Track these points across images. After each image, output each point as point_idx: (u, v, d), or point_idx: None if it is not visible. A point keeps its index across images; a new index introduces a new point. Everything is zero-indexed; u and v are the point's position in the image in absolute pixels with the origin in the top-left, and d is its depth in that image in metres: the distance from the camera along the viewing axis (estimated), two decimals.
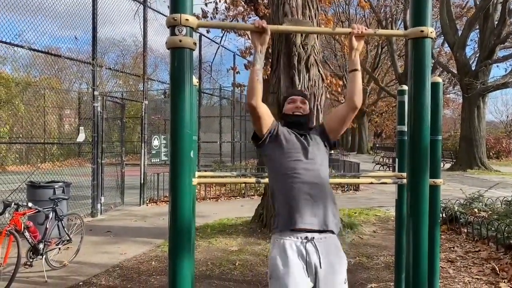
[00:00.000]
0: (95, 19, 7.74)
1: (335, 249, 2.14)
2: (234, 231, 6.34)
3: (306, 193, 2.11)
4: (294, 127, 2.32)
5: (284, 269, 2.03)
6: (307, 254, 2.05)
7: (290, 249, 2.06)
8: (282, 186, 2.16)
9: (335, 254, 2.12)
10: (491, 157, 26.06)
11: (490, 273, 4.41)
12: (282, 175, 2.18)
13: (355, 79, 2.26)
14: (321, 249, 2.07)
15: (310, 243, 2.07)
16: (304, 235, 2.07)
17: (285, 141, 2.23)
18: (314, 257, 2.05)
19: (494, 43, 18.39)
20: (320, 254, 2.06)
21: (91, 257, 5.12)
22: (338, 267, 2.10)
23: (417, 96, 2.12)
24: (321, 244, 2.09)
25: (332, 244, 2.13)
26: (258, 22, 2.08)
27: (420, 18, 2.11)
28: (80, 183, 8.45)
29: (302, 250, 2.06)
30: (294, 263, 2.04)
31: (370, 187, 11.89)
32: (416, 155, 2.15)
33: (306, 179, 2.13)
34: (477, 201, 7.01)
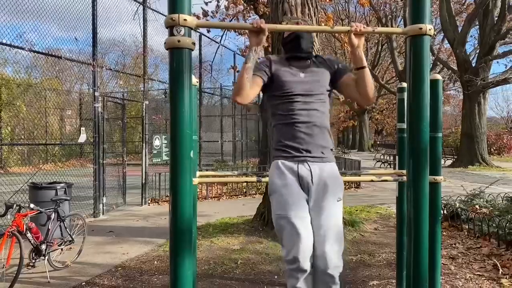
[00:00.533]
0: (95, 20, 7.75)
1: (330, 170, 2.27)
2: (236, 230, 6.35)
3: (303, 132, 2.24)
4: (294, 49, 2.36)
5: (280, 183, 2.21)
6: (299, 170, 2.21)
7: (284, 166, 2.24)
8: (281, 119, 2.30)
9: (329, 174, 2.25)
10: (492, 153, 26.04)
11: (492, 269, 4.41)
12: (278, 115, 2.30)
13: (365, 76, 2.27)
14: (313, 168, 2.22)
15: (303, 164, 2.23)
16: (297, 156, 2.24)
17: (282, 77, 2.31)
18: (306, 174, 2.21)
19: (494, 39, 18.35)
20: (313, 172, 2.21)
21: (94, 257, 5.14)
22: (331, 185, 2.24)
23: (416, 93, 2.13)
24: (314, 165, 2.23)
25: (327, 166, 2.27)
26: (256, 22, 2.09)
27: (419, 16, 2.12)
28: (82, 183, 8.47)
29: (294, 168, 2.22)
30: (288, 176, 2.21)
31: (371, 185, 11.89)
32: (416, 153, 2.15)
33: (302, 119, 2.25)
34: (478, 197, 7.01)
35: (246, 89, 2.17)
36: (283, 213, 2.16)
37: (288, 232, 2.14)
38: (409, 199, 2.20)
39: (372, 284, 4.11)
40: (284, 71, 2.32)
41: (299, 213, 2.15)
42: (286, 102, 2.28)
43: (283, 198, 2.18)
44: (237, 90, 2.18)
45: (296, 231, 2.12)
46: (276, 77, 2.31)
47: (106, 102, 8.31)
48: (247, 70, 2.16)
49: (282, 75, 2.31)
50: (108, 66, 8.94)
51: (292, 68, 2.33)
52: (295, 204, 2.15)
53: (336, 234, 2.21)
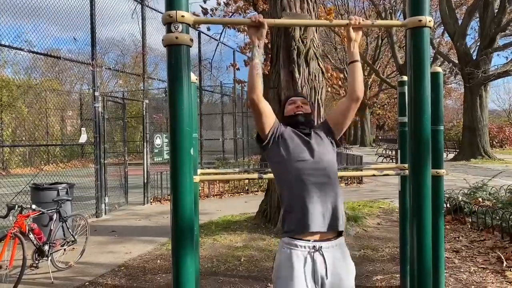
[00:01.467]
0: (93, 19, 7.73)
1: (343, 257, 2.10)
2: (238, 227, 6.34)
3: (315, 195, 2.06)
4: (297, 126, 2.26)
5: (287, 280, 2.01)
6: (314, 264, 2.02)
7: (297, 259, 2.02)
8: (290, 189, 2.11)
9: (342, 263, 2.08)
10: (494, 146, 26.00)
11: (496, 262, 4.40)
12: (289, 178, 2.11)
13: (356, 70, 2.24)
14: (328, 259, 2.03)
15: (318, 253, 2.03)
16: (312, 244, 2.03)
17: (290, 141, 2.16)
18: (321, 267, 2.02)
19: (495, 32, 18.27)
20: (327, 264, 2.02)
21: (97, 257, 5.14)
22: (345, 276, 2.08)
23: (417, 86, 2.11)
24: (328, 254, 2.04)
25: (340, 252, 2.09)
26: (255, 17, 2.07)
27: (418, 8, 2.09)
28: (84, 183, 8.48)
29: (309, 260, 2.02)
30: (298, 273, 2.01)
31: (374, 180, 11.88)
32: (417, 146, 2.13)
33: (314, 180, 2.08)
34: (481, 190, 6.99)
35: (259, 85, 2.09)
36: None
37: None
38: (411, 193, 2.19)
39: (376, 279, 4.10)
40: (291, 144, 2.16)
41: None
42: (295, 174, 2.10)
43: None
44: (251, 89, 2.09)
45: None
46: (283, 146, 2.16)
47: (106, 102, 8.30)
48: (256, 67, 2.09)
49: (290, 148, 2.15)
50: (107, 66, 8.93)
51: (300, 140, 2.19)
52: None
53: None
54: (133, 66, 21.01)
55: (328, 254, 2.04)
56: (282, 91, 5.85)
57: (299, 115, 2.30)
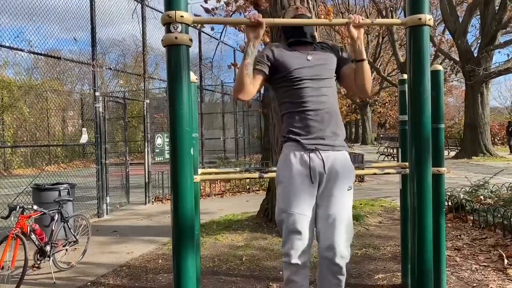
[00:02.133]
0: (93, 19, 7.73)
1: (342, 158, 2.23)
2: (240, 227, 6.35)
3: (313, 120, 2.18)
4: (296, 34, 2.30)
5: (286, 175, 2.16)
6: (311, 160, 2.14)
7: (294, 157, 2.17)
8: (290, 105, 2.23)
9: (341, 162, 2.21)
10: (496, 143, 25.95)
11: (498, 260, 4.39)
12: (286, 103, 2.24)
13: (364, 69, 2.25)
14: (325, 156, 2.16)
15: (315, 152, 2.16)
16: (309, 146, 2.17)
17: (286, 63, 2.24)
18: (318, 163, 2.15)
19: (496, 29, 18.23)
20: (325, 161, 2.15)
21: (98, 257, 5.14)
22: (342, 174, 2.20)
23: (417, 84, 2.10)
24: (326, 153, 2.17)
25: (339, 154, 2.22)
26: (253, 16, 2.07)
27: (418, 6, 2.09)
28: (85, 184, 8.49)
29: (305, 158, 2.15)
30: (296, 170, 2.15)
31: (375, 178, 11.86)
32: (418, 144, 2.13)
33: (313, 106, 2.19)
34: (483, 188, 6.98)
35: (247, 85, 2.13)
36: (286, 208, 2.14)
37: (287, 227, 2.14)
38: (412, 191, 2.19)
39: (377, 278, 4.10)
40: (289, 56, 2.24)
41: (302, 210, 2.12)
42: (294, 89, 2.20)
43: (288, 193, 2.14)
44: (237, 87, 2.15)
45: (295, 228, 2.11)
46: (281, 63, 2.23)
47: (107, 102, 8.31)
48: (247, 66, 2.12)
49: (287, 60, 2.22)
50: (108, 66, 8.94)
51: (297, 52, 2.26)
52: (300, 200, 2.12)
53: (346, 223, 2.19)
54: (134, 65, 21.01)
55: (325, 154, 2.18)
56: None
57: (299, 15, 2.35)
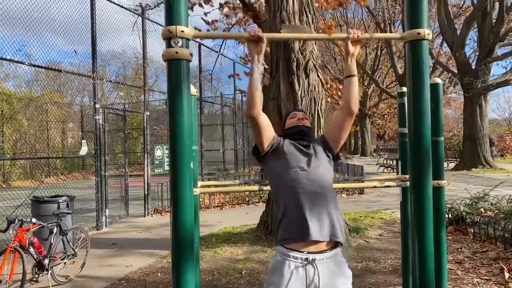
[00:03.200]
0: (94, 32, 7.79)
1: (338, 268, 2.08)
2: (239, 239, 6.31)
3: (308, 206, 2.06)
4: (297, 138, 2.30)
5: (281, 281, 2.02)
6: (307, 275, 2.01)
7: (288, 269, 2.03)
8: (285, 198, 2.13)
9: (338, 273, 2.07)
10: (495, 155, 25.93)
11: (499, 273, 4.37)
12: (284, 186, 2.14)
13: (352, 85, 2.26)
14: (322, 269, 2.02)
15: (311, 265, 2.02)
16: (304, 256, 2.02)
17: (287, 151, 2.21)
18: (314, 279, 2.01)
19: (493, 41, 18.36)
20: (320, 275, 2.01)
21: (97, 270, 5.11)
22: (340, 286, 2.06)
23: (417, 98, 2.11)
24: (322, 266, 2.03)
25: (334, 264, 2.08)
26: (254, 31, 2.07)
27: (417, 20, 2.10)
28: (84, 196, 8.46)
29: (301, 271, 2.02)
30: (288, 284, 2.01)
31: (375, 190, 11.84)
32: (418, 157, 2.13)
33: (310, 189, 2.09)
34: (483, 200, 6.96)
35: (258, 100, 2.11)
36: None
37: None
38: (412, 204, 2.18)
39: None
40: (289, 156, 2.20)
41: None
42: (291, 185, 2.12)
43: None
44: (250, 104, 2.11)
45: None
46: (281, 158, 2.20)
47: (107, 114, 8.33)
48: (255, 82, 2.10)
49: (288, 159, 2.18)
50: (108, 78, 8.98)
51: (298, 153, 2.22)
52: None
53: None
54: (134, 78, 21.10)
55: (322, 266, 2.03)
56: (282, 103, 5.87)
57: (299, 126, 2.34)
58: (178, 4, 1.86)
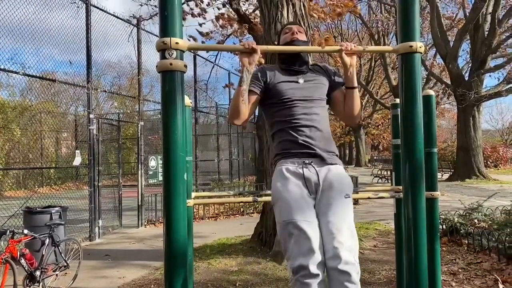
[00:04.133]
0: (89, 42, 7.80)
1: (337, 170, 2.19)
2: (233, 251, 6.27)
3: (305, 135, 2.18)
4: (291, 59, 2.31)
5: (283, 189, 2.11)
6: (304, 172, 2.11)
7: (287, 171, 2.13)
8: (281, 125, 2.23)
9: (336, 173, 2.16)
10: (489, 166, 26.09)
11: (493, 284, 4.36)
12: (277, 122, 2.24)
13: (353, 97, 2.26)
14: (319, 170, 2.14)
15: (308, 165, 2.14)
16: (301, 160, 2.14)
17: (279, 84, 2.26)
18: (312, 175, 2.11)
19: (486, 53, 18.59)
20: (319, 173, 2.12)
21: (89, 282, 5.05)
22: (338, 183, 2.14)
23: (409, 110, 2.13)
24: (320, 166, 2.15)
25: (332, 167, 2.18)
26: (248, 43, 2.09)
27: (409, 33, 2.13)
28: (77, 206, 8.40)
29: (299, 170, 2.12)
30: (292, 181, 2.11)
31: (370, 201, 11.84)
32: (411, 169, 2.14)
33: (304, 123, 2.19)
34: (477, 211, 6.98)
35: (242, 112, 2.14)
36: (289, 219, 2.01)
37: (296, 236, 1.98)
38: (406, 216, 2.18)
39: None
40: (280, 79, 2.27)
41: (306, 217, 2.01)
42: (285, 108, 2.21)
43: (288, 204, 2.04)
44: (232, 113, 2.15)
45: (305, 234, 1.97)
46: (273, 85, 2.25)
47: (101, 124, 8.30)
48: (242, 93, 2.12)
49: (279, 83, 2.25)
50: (103, 88, 8.98)
51: (289, 75, 2.29)
52: (302, 209, 2.02)
53: (347, 229, 2.05)
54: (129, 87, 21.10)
55: (320, 166, 2.16)
56: None
57: (294, 41, 2.32)
58: (173, 16, 1.88)
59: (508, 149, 31.39)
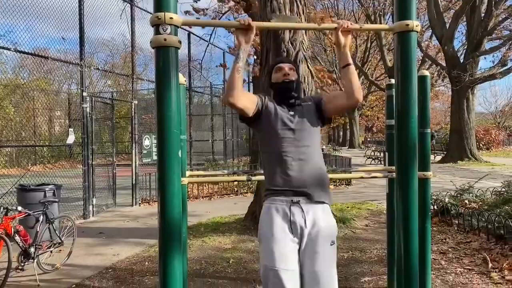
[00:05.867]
0: (81, 19, 7.67)
1: (323, 213, 2.19)
2: (227, 229, 6.33)
3: (295, 164, 2.18)
4: (284, 96, 2.33)
5: (269, 231, 2.12)
6: (292, 215, 2.12)
7: (275, 211, 2.15)
8: (272, 157, 2.24)
9: (323, 218, 2.17)
10: (481, 148, 26.34)
11: (482, 263, 4.46)
12: (271, 147, 2.24)
13: (350, 73, 2.23)
14: (306, 210, 2.14)
15: (296, 205, 2.14)
16: (290, 199, 2.15)
17: (273, 116, 2.26)
18: (299, 218, 2.12)
19: (482, 35, 18.52)
20: (306, 215, 2.12)
21: (84, 259, 5.09)
22: (324, 229, 2.15)
23: (404, 89, 2.13)
24: (307, 207, 2.15)
25: (320, 208, 2.19)
26: (244, 20, 2.07)
27: (405, 12, 2.12)
28: (71, 185, 8.40)
29: (287, 211, 2.13)
30: (277, 224, 2.12)
31: (362, 181, 11.94)
32: (404, 149, 2.16)
33: (296, 156, 2.19)
34: (468, 192, 7.08)
35: (238, 89, 2.10)
36: (271, 266, 2.07)
37: (274, 285, 2.06)
38: (398, 196, 2.21)
39: (363, 281, 4.13)
40: (274, 109, 2.28)
41: (288, 265, 2.06)
42: (276, 143, 2.23)
43: (271, 249, 2.08)
44: (229, 90, 2.10)
45: (282, 285, 2.04)
46: (266, 118, 2.27)
47: (94, 103, 8.24)
48: (238, 70, 2.08)
49: (273, 113, 2.27)
50: (96, 66, 8.86)
51: (282, 108, 2.30)
52: (284, 256, 2.07)
53: (331, 278, 2.13)
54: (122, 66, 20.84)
55: (307, 208, 2.15)
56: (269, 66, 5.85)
57: (285, 83, 2.33)
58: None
59: (501, 132, 31.65)
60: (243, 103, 2.17)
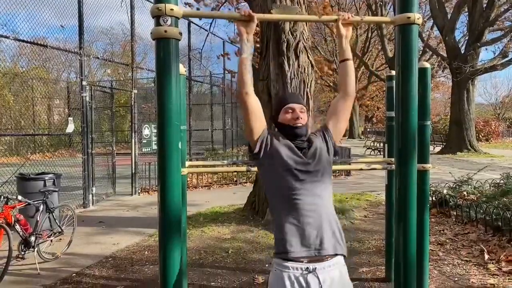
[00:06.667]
0: (81, 7, 7.61)
1: (340, 277, 1.97)
2: (226, 219, 6.36)
3: (307, 217, 1.94)
4: (294, 139, 2.05)
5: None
6: (307, 286, 1.89)
7: (288, 281, 1.90)
8: (282, 206, 1.98)
9: (340, 282, 1.96)
10: (480, 139, 26.35)
11: (479, 254, 4.49)
12: (280, 195, 2.00)
13: (347, 68, 2.15)
14: (323, 279, 1.91)
15: (312, 274, 1.90)
16: (305, 266, 1.90)
17: (283, 155, 1.99)
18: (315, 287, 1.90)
19: (483, 26, 18.41)
20: (323, 283, 1.90)
21: (84, 248, 5.12)
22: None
23: (405, 81, 2.13)
24: (324, 275, 1.92)
25: (338, 272, 1.97)
26: (244, 11, 2.05)
27: (407, 4, 2.11)
28: (71, 174, 8.41)
29: (302, 282, 1.90)
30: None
31: (361, 172, 11.97)
32: (404, 141, 2.16)
33: (307, 200, 1.96)
34: (466, 184, 7.10)
35: (249, 81, 1.97)
36: None
37: None
38: (397, 187, 2.22)
39: (362, 271, 4.16)
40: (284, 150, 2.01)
41: None
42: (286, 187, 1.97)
43: None
44: (241, 84, 1.96)
45: None
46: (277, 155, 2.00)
47: (94, 92, 8.22)
48: (245, 62, 1.96)
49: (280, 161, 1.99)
50: (95, 55, 8.82)
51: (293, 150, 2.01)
52: None
53: None
54: (122, 55, 20.77)
55: (323, 275, 1.91)
56: (272, 84, 5.85)
57: (299, 127, 2.06)
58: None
59: (500, 123, 31.65)
60: (253, 103, 1.98)
